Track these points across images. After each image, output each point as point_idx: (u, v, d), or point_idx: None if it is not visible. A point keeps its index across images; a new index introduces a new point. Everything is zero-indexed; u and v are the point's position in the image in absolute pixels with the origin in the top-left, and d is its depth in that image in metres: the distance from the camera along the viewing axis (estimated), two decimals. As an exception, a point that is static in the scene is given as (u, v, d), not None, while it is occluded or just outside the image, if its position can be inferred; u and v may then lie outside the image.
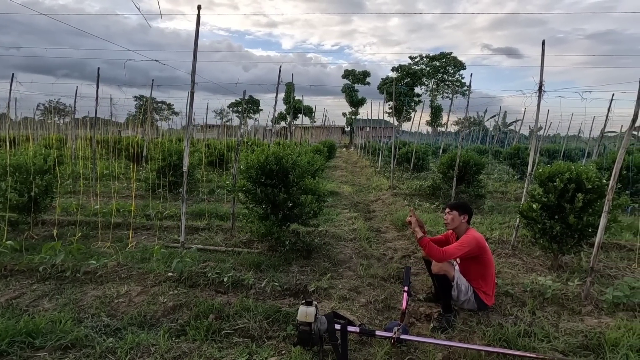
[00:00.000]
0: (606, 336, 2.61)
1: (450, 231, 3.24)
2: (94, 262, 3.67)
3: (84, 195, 7.22)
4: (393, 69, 48.46)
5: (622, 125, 16.15)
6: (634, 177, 7.25)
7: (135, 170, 8.43)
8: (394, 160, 10.88)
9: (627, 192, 7.13)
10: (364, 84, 49.66)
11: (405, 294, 2.73)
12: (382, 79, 48.01)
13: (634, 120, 3.05)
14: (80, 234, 4.69)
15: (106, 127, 18.71)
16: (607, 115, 11.08)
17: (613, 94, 10.96)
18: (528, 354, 2.42)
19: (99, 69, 7.82)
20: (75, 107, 11.14)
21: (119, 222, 5.41)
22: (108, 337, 2.56)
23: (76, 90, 10.69)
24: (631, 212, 6.90)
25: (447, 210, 3.16)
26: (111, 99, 13.07)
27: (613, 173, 3.11)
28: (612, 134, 22.80)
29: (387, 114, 41.36)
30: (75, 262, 3.72)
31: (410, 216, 3.04)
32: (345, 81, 49.99)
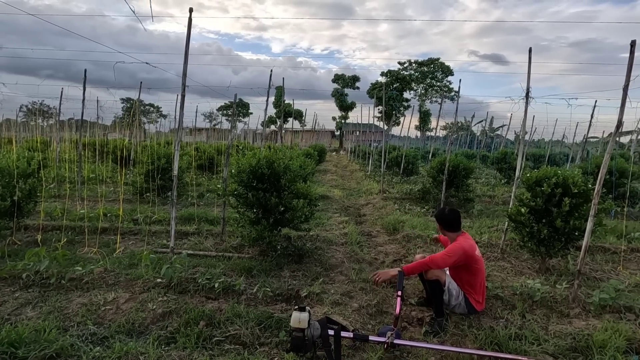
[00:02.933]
0: (594, 338, 2.66)
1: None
2: (80, 268, 3.58)
3: (69, 199, 7.04)
4: (382, 74, 48.94)
5: (603, 131, 16.63)
6: (616, 182, 7.45)
7: (122, 173, 8.29)
8: (384, 164, 10.95)
9: (610, 196, 7.32)
10: (354, 89, 50.03)
11: (398, 298, 2.73)
12: (371, 83, 48.36)
13: (617, 127, 3.13)
14: (65, 240, 4.56)
15: (92, 130, 18.36)
16: (590, 121, 11.38)
17: (596, 101, 11.27)
18: (519, 357, 2.44)
19: (85, 70, 7.68)
20: (60, 109, 10.91)
21: (105, 227, 5.29)
22: (95, 346, 2.49)
23: (61, 92, 10.47)
24: (615, 216, 7.08)
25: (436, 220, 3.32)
26: (98, 101, 12.86)
27: (599, 178, 3.18)
28: (595, 139, 23.43)
29: (377, 118, 41.71)
30: (60, 268, 3.61)
31: (376, 280, 2.94)
32: (335, 85, 50.27)
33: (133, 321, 2.80)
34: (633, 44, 3.05)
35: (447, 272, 3.17)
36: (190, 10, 3.61)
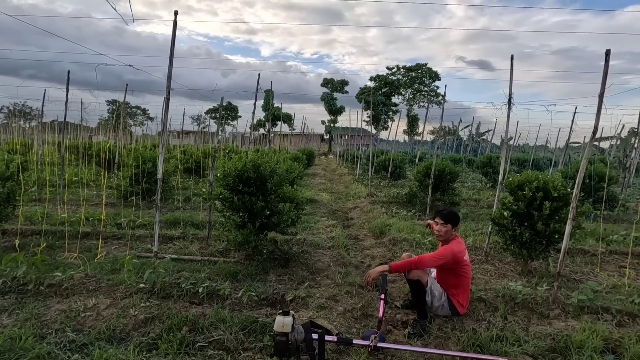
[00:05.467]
0: (572, 338, 2.73)
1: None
2: (60, 273, 3.49)
3: (50, 203, 6.87)
4: (371, 79, 49.46)
5: (584, 137, 17.14)
6: (595, 186, 7.66)
7: (106, 177, 8.13)
8: (372, 168, 11.03)
9: (590, 199, 7.52)
10: (343, 93, 50.37)
11: (381, 301, 2.75)
12: (360, 88, 48.92)
13: (594, 133, 3.24)
14: (45, 245, 4.44)
15: (76, 132, 17.98)
16: (571, 127, 11.73)
17: (576, 107, 11.65)
18: (500, 359, 2.48)
19: (69, 72, 7.52)
20: (42, 110, 10.67)
21: (87, 231, 5.17)
22: (73, 353, 2.43)
23: (44, 94, 10.25)
24: (594, 219, 7.28)
25: (440, 221, 3.11)
26: (82, 103, 12.61)
27: (576, 182, 3.28)
28: (576, 144, 24.12)
29: (366, 123, 42.03)
30: (39, 274, 3.51)
31: (367, 281, 3.04)
32: (325, 89, 50.52)
33: (114, 327, 2.75)
34: (608, 53, 3.16)
35: (432, 274, 3.21)
36: (175, 13, 3.59)
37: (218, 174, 4.25)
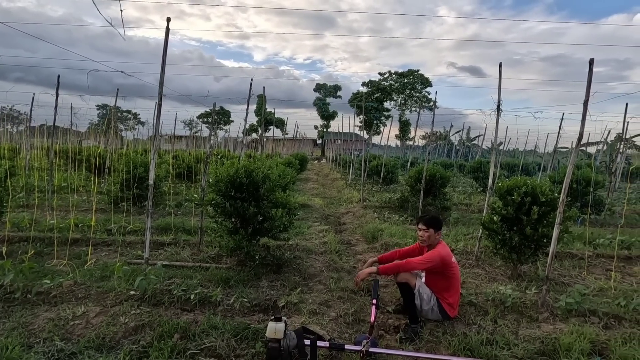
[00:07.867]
0: (560, 341, 2.77)
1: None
2: (48, 281, 3.43)
3: (38, 209, 6.75)
4: (363, 84, 49.87)
5: (572, 142, 17.46)
6: (582, 190, 7.81)
7: (96, 182, 8.03)
8: (364, 173, 11.09)
9: (577, 204, 7.66)
10: (336, 98, 50.69)
11: (373, 307, 2.77)
12: (352, 93, 49.24)
13: (579, 139, 3.32)
14: (33, 252, 4.36)
15: (65, 137, 17.73)
16: (559, 133, 11.97)
17: (563, 114, 11.93)
18: (490, 362, 2.51)
19: (59, 76, 7.47)
20: (31, 114, 10.52)
21: (77, 237, 5.10)
22: (62, 362, 2.39)
23: (32, 98, 10.12)
24: (581, 223, 7.41)
25: (423, 227, 3.17)
26: (72, 107, 12.44)
27: (563, 187, 3.35)
28: (564, 149, 24.57)
29: (358, 128, 42.26)
30: (27, 282, 3.46)
31: (356, 282, 3.11)
32: (317, 94, 50.77)
33: (104, 336, 2.71)
34: (591, 62, 3.25)
35: (422, 278, 3.23)
36: (168, 20, 3.60)
37: (210, 180, 4.24)
